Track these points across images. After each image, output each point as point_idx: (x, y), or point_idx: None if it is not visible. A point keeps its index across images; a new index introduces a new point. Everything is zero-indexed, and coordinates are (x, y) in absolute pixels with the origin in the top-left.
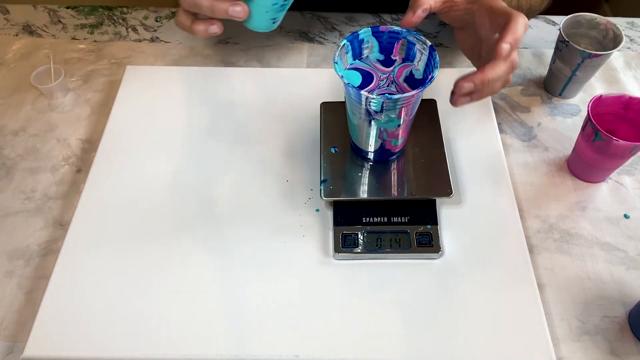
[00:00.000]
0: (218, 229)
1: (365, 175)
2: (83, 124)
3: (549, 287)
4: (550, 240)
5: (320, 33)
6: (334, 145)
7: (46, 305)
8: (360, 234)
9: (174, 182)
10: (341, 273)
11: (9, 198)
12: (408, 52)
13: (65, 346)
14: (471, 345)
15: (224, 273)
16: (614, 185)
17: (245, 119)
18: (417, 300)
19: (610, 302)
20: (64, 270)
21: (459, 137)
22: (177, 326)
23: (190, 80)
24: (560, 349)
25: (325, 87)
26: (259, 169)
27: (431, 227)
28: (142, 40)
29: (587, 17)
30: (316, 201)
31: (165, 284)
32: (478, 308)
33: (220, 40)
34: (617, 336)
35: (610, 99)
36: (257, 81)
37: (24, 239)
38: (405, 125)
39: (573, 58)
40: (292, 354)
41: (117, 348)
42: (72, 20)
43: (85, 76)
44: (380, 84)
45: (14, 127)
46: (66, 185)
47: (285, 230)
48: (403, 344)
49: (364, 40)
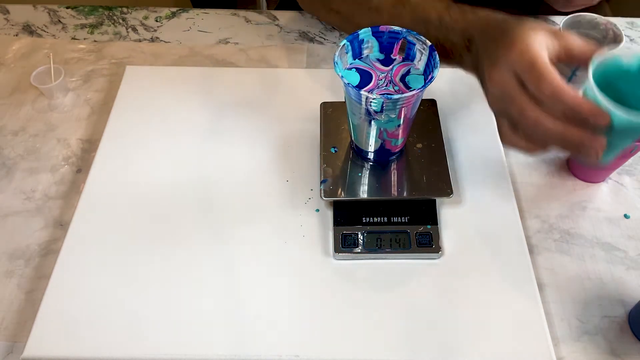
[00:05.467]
0: (218, 229)
1: (365, 175)
2: (83, 124)
3: (549, 287)
4: (550, 240)
5: (320, 33)
6: (334, 145)
7: (46, 305)
8: (360, 234)
9: (174, 182)
10: (341, 273)
11: (9, 198)
12: (408, 52)
13: (65, 346)
14: (471, 345)
15: (224, 273)
16: (614, 185)
17: (245, 119)
18: (417, 300)
19: (610, 302)
20: (64, 270)
21: (459, 137)
22: (177, 326)
23: (190, 80)
24: (560, 349)
25: (325, 87)
26: (259, 169)
27: (431, 227)
28: (142, 40)
29: (587, 17)
30: (316, 201)
31: (165, 284)
32: (478, 308)
33: (220, 40)
34: (617, 336)
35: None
36: (257, 81)
37: (24, 239)
38: (405, 125)
39: None
40: (292, 354)
41: (117, 348)
42: (72, 20)
43: (85, 76)
44: (379, 83)
45: (14, 127)
46: (66, 185)
47: (285, 230)
48: (403, 344)
49: (364, 40)
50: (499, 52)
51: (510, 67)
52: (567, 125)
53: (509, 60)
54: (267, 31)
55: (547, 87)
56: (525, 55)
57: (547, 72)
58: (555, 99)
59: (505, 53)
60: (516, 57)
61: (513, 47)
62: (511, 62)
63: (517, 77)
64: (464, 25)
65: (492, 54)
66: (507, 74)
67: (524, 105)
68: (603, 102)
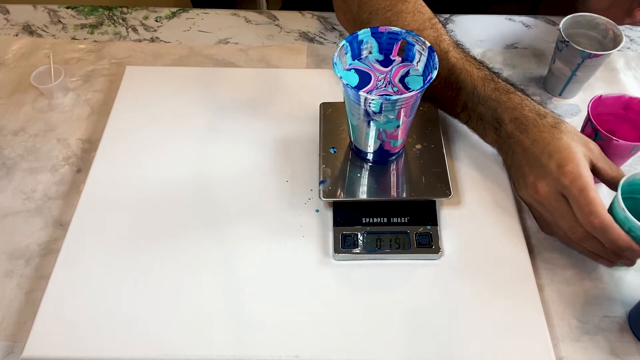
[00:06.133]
0: (218, 229)
1: (365, 175)
2: (83, 124)
3: (549, 287)
4: (550, 240)
5: (320, 33)
6: (333, 145)
7: (46, 305)
8: (360, 234)
9: (173, 182)
10: (341, 273)
11: (9, 198)
12: (407, 53)
13: (65, 346)
14: (471, 346)
15: (224, 273)
16: None
17: (245, 119)
18: (417, 301)
19: (610, 302)
20: (64, 270)
21: (458, 138)
22: (177, 326)
23: (190, 80)
24: (560, 349)
25: (325, 88)
26: (259, 169)
27: (431, 227)
28: (142, 40)
29: (587, 17)
30: (316, 201)
31: (165, 284)
32: (478, 308)
33: (220, 40)
34: (617, 336)
35: (610, 99)
36: (257, 81)
37: (24, 239)
38: (404, 126)
39: (573, 58)
40: (292, 354)
41: (117, 348)
42: (72, 20)
43: (85, 76)
44: (378, 84)
45: (14, 127)
46: (66, 185)
47: (285, 230)
48: (403, 344)
49: (363, 40)
50: (549, 167)
51: (560, 186)
52: (601, 246)
53: (560, 180)
54: (267, 31)
55: (596, 220)
56: (577, 182)
57: (597, 204)
58: (602, 233)
59: (556, 171)
60: (567, 182)
61: (564, 168)
62: (562, 183)
63: (564, 195)
64: (496, 104)
65: (540, 165)
66: (554, 191)
67: (574, 226)
68: (634, 222)
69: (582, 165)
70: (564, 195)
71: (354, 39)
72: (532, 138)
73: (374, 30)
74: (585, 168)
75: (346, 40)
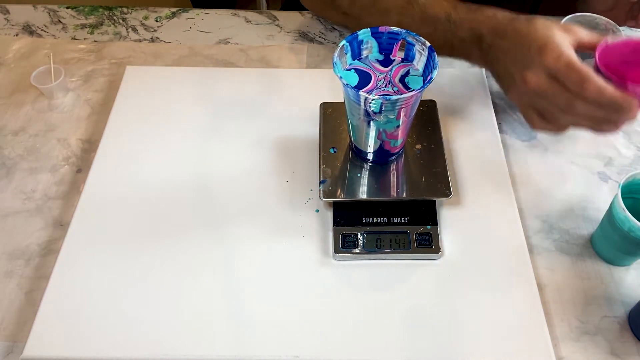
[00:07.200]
0: (218, 229)
1: (365, 175)
2: (83, 124)
3: (549, 287)
4: (550, 240)
5: (320, 33)
6: (333, 145)
7: (46, 305)
8: (360, 234)
9: (173, 182)
10: (341, 273)
11: (9, 198)
12: (407, 53)
13: (65, 346)
14: (471, 346)
15: (224, 273)
16: (614, 185)
17: (245, 119)
18: (417, 301)
19: (610, 302)
20: (64, 270)
21: (459, 137)
22: (177, 326)
23: (190, 80)
24: (560, 349)
25: (325, 88)
26: (259, 169)
27: (431, 227)
28: (142, 40)
29: (587, 17)
30: (316, 201)
31: (165, 284)
32: (478, 308)
33: (220, 40)
34: (617, 336)
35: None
36: (257, 81)
37: (24, 239)
38: (404, 126)
39: None
40: (292, 354)
41: (117, 348)
42: (72, 20)
43: (85, 76)
44: (378, 84)
45: (14, 127)
46: (66, 185)
47: (285, 230)
48: (403, 344)
49: (363, 40)
50: (530, 56)
51: (545, 70)
52: (602, 110)
53: (544, 63)
54: (267, 31)
55: (591, 87)
56: (561, 59)
57: (586, 72)
58: (599, 96)
59: (539, 56)
60: (552, 61)
61: (545, 51)
62: (547, 65)
63: (553, 77)
64: (472, 23)
65: (522, 57)
66: (543, 75)
67: (571, 100)
68: (634, 222)
69: (563, 44)
70: (553, 77)
71: (354, 39)
72: (511, 39)
73: (374, 30)
74: (566, 46)
75: (346, 40)
